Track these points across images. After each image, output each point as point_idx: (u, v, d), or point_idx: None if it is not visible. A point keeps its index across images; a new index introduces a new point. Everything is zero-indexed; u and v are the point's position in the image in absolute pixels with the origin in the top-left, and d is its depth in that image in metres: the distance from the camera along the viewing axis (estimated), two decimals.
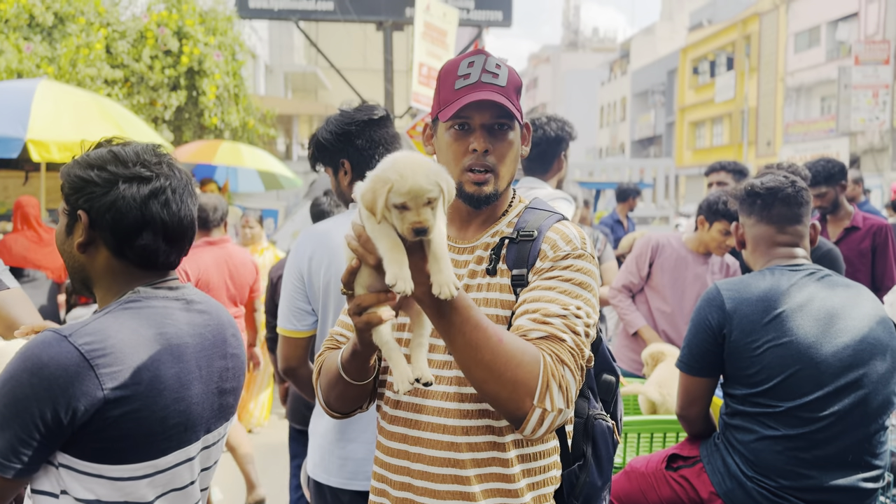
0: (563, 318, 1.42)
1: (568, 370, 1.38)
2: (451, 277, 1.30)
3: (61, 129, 5.15)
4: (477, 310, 1.36)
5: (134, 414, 1.35)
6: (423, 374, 1.38)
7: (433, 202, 1.28)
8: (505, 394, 1.35)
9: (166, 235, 1.47)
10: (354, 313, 1.34)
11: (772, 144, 29.73)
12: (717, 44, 34.54)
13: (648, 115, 44.14)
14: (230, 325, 1.62)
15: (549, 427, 1.37)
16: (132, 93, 9.83)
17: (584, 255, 1.51)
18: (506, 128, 1.55)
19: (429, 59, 9.28)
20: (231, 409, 1.62)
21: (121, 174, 1.44)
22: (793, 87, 28.56)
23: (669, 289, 3.82)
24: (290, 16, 11.08)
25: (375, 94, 15.18)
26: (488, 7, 11.23)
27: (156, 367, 1.39)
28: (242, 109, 10.95)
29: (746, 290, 2.27)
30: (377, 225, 1.29)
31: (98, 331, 1.35)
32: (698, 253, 3.82)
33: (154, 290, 1.48)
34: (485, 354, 1.33)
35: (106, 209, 1.42)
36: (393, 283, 1.25)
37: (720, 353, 2.28)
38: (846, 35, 25.48)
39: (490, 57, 1.57)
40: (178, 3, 10.18)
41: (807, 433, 2.16)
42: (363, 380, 1.52)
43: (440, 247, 1.31)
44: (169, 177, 1.48)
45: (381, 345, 1.38)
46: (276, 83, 22.29)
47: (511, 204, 1.65)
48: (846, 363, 2.17)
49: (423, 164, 1.29)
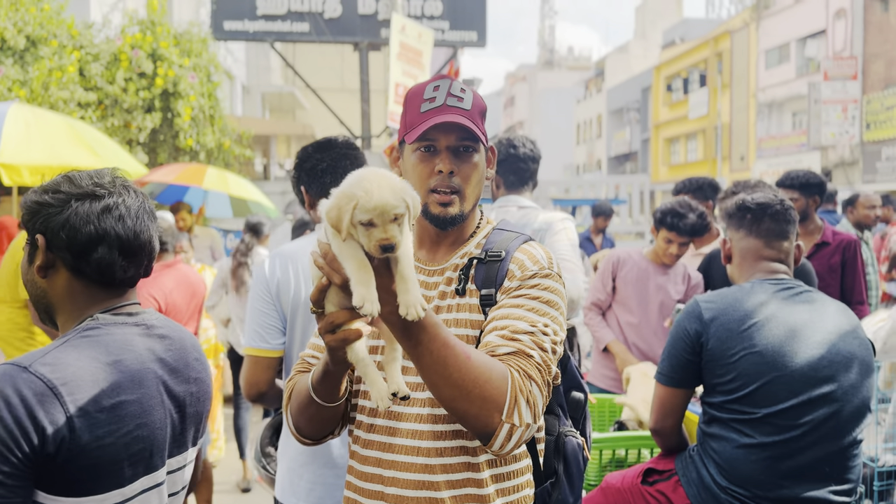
0: (530, 334, 1.44)
1: (535, 385, 1.40)
2: (419, 298, 1.30)
3: (33, 153, 5.10)
4: (444, 328, 1.37)
5: (98, 442, 1.33)
6: (399, 388, 1.38)
7: (399, 218, 1.27)
8: (474, 410, 1.35)
9: (122, 249, 1.47)
10: (327, 331, 1.34)
11: (745, 159, 30.15)
12: (690, 61, 35.08)
13: (624, 132, 44.63)
14: (193, 348, 1.61)
15: (517, 442, 1.38)
16: (106, 115, 9.76)
17: (552, 275, 1.54)
18: (471, 150, 1.57)
19: (405, 79, 9.34)
20: (197, 433, 1.61)
21: (73, 193, 1.46)
22: (764, 103, 29.04)
23: (634, 301, 3.89)
24: (266, 37, 11.10)
25: (352, 114, 15.23)
26: (463, 28, 11.33)
27: (116, 394, 1.38)
28: (218, 130, 10.92)
29: (724, 301, 2.34)
30: (343, 243, 1.28)
31: (57, 360, 1.34)
32: (658, 264, 3.91)
33: (113, 317, 1.48)
34: (453, 372, 1.34)
35: (60, 227, 1.43)
36: (360, 305, 1.24)
37: (698, 362, 2.33)
38: (815, 51, 26.00)
39: (455, 81, 1.60)
40: (153, 25, 10.16)
41: (782, 441, 2.20)
42: (335, 401, 1.51)
43: (407, 266, 1.31)
44: (123, 194, 1.50)
45: (357, 362, 1.37)
46: (253, 103, 22.26)
47: (479, 225, 1.67)
48: (820, 374, 2.22)
49: (388, 180, 1.29)
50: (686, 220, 3.74)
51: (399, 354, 1.44)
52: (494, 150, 1.70)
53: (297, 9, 10.90)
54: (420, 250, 1.65)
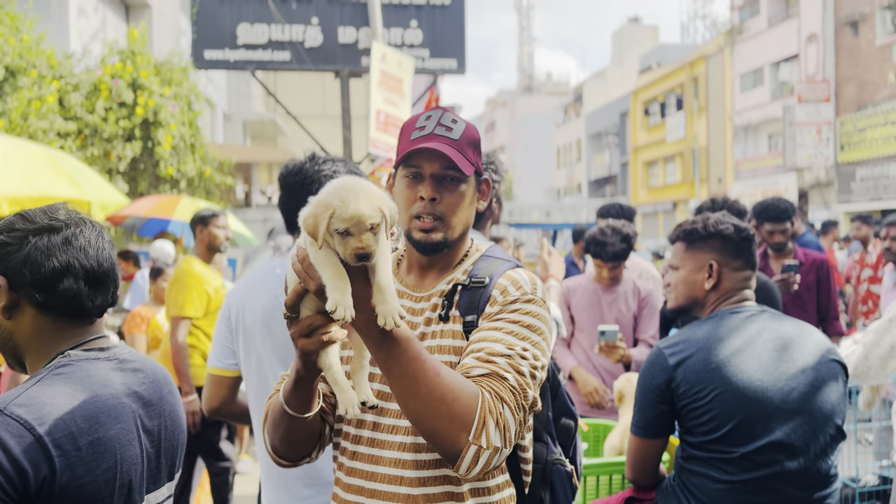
0: (507, 357, 1.42)
1: (507, 408, 1.37)
2: (397, 307, 1.30)
3: (11, 184, 5.06)
4: (416, 342, 1.36)
5: (78, 480, 1.32)
6: (368, 397, 1.38)
7: (376, 228, 1.27)
8: (440, 428, 1.33)
9: (87, 279, 1.47)
10: (303, 335, 1.33)
11: (723, 181, 30.54)
12: (667, 86, 35.60)
13: (603, 156, 45.07)
14: (166, 382, 1.60)
15: (484, 465, 1.35)
16: (86, 145, 9.72)
17: (535, 301, 1.53)
18: (455, 179, 1.57)
19: (386, 106, 9.39)
20: (173, 467, 1.60)
21: (30, 229, 1.45)
22: (741, 126, 29.50)
23: (591, 324, 3.96)
24: (247, 66, 11.13)
25: (334, 141, 15.26)
26: (443, 55, 11.44)
27: (94, 431, 1.36)
28: (199, 159, 10.90)
29: (687, 343, 2.27)
30: (320, 251, 1.27)
31: (32, 399, 1.33)
32: (604, 284, 4.02)
33: (84, 353, 1.47)
34: (421, 387, 1.33)
35: (21, 264, 1.42)
36: (333, 310, 1.24)
37: (671, 411, 2.27)
38: (788, 75, 26.51)
39: (448, 112, 1.61)
40: (133, 55, 10.16)
41: (762, 477, 2.16)
42: (306, 412, 1.49)
43: (384, 276, 1.30)
44: (80, 225, 1.50)
45: (327, 368, 1.37)
46: (234, 131, 22.26)
47: (468, 253, 1.67)
48: (793, 406, 2.18)
49: (365, 190, 1.29)
50: (607, 247, 3.87)
51: (367, 363, 1.44)
52: (489, 182, 1.70)
53: (278, 38, 10.97)
54: (408, 276, 1.66)
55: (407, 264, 1.67)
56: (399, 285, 1.64)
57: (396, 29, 11.28)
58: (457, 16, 11.46)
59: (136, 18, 14.35)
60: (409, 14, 11.37)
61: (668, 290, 2.56)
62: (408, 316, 1.58)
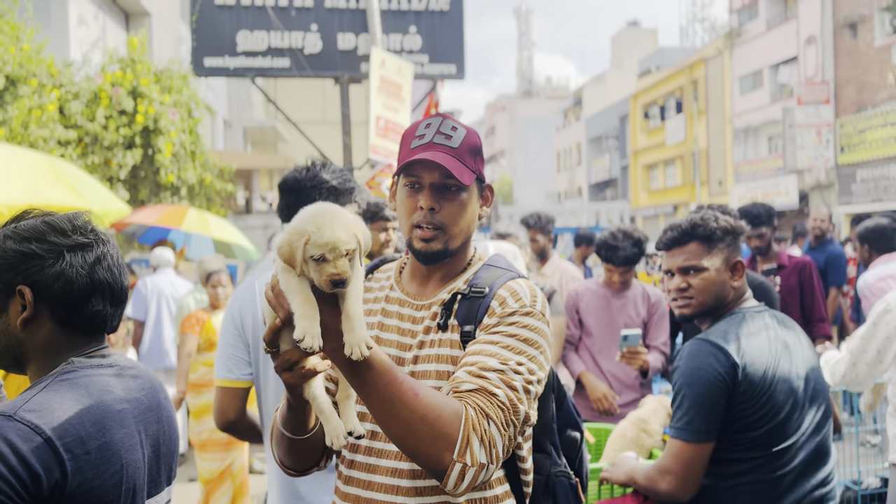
0: (499, 372, 1.41)
1: (494, 425, 1.36)
2: (364, 337, 1.29)
3: (13, 192, 5.07)
4: (392, 365, 1.35)
5: (88, 483, 1.33)
6: (354, 427, 1.38)
7: (351, 254, 1.28)
8: (424, 448, 1.32)
9: (112, 299, 1.49)
10: (284, 370, 1.33)
11: (723, 184, 30.53)
12: (666, 89, 35.62)
13: (603, 160, 45.07)
14: (161, 388, 1.62)
15: (470, 482, 1.34)
16: (86, 153, 9.74)
17: (533, 313, 1.51)
18: (455, 188, 1.56)
19: (385, 111, 9.41)
20: (171, 472, 1.61)
21: (64, 244, 1.44)
22: (740, 128, 29.50)
23: (600, 329, 3.97)
24: (247, 73, 11.15)
25: (334, 147, 15.28)
26: (442, 61, 11.46)
27: (102, 435, 1.38)
28: (199, 166, 10.92)
29: (739, 339, 2.22)
30: (292, 278, 1.28)
31: (41, 405, 1.34)
32: (614, 288, 3.98)
33: (88, 360, 1.48)
34: (400, 410, 1.32)
35: (54, 280, 1.42)
36: (301, 339, 1.24)
37: (727, 407, 2.18)
38: (787, 77, 26.51)
39: (447, 119, 1.60)
40: (133, 63, 10.19)
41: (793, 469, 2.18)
42: (303, 434, 1.50)
43: (354, 304, 1.30)
44: (105, 243, 1.51)
45: (312, 399, 1.37)
46: (234, 137, 22.29)
47: (470, 262, 1.67)
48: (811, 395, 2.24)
49: (340, 216, 1.30)
50: (618, 251, 3.85)
51: (353, 392, 1.44)
52: (492, 188, 1.69)
53: (278, 45, 10.99)
54: (410, 284, 1.65)
55: (409, 272, 1.67)
56: (400, 293, 1.64)
57: (395, 35, 11.30)
58: (455, 21, 11.47)
59: (136, 26, 14.38)
60: (408, 20, 11.39)
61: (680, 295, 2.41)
62: (413, 327, 1.57)
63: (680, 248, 2.41)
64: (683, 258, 2.39)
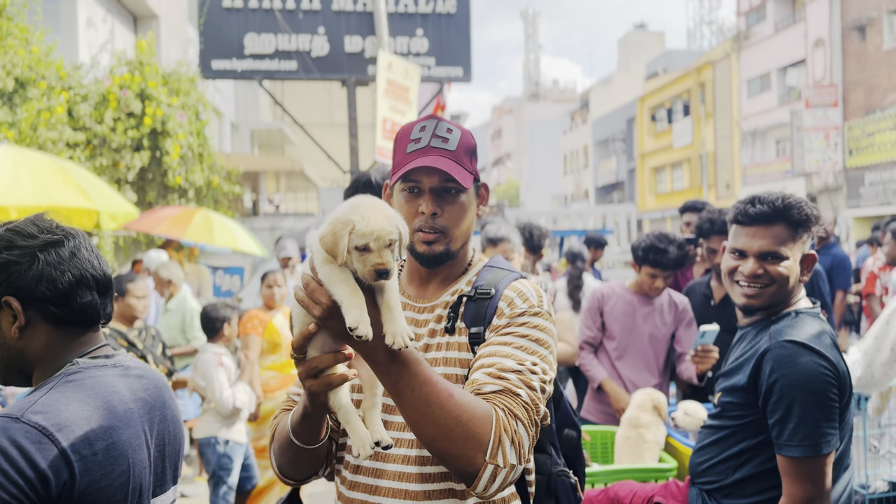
0: (518, 373, 1.41)
1: (521, 425, 1.36)
2: (405, 327, 1.28)
3: (22, 194, 5.10)
4: (426, 364, 1.35)
5: (95, 484, 1.34)
6: (381, 436, 1.36)
7: (393, 244, 1.28)
8: (456, 450, 1.31)
9: (98, 288, 1.50)
10: (309, 376, 1.32)
11: (731, 187, 30.45)
12: (673, 92, 35.56)
13: (610, 162, 45.01)
14: (166, 387, 1.63)
15: (502, 484, 1.34)
16: (94, 155, 9.80)
17: (541, 313, 1.52)
18: (454, 191, 1.57)
19: (392, 114, 9.43)
20: (177, 471, 1.61)
21: (34, 245, 1.44)
22: (748, 131, 29.42)
23: (623, 334, 3.89)
24: (254, 76, 11.19)
25: (341, 149, 15.32)
26: (449, 63, 11.48)
27: (108, 435, 1.38)
28: (207, 168, 10.96)
29: (826, 339, 2.07)
30: (335, 269, 1.26)
31: (47, 406, 1.34)
32: (642, 295, 3.92)
33: (91, 360, 1.48)
34: (434, 410, 1.30)
35: (36, 282, 1.42)
36: (355, 326, 1.22)
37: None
38: (795, 80, 26.43)
39: (441, 121, 1.60)
40: (141, 65, 10.24)
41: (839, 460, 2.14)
42: (314, 443, 1.49)
43: (393, 296, 1.30)
44: (74, 236, 1.51)
45: (338, 409, 1.35)
46: (242, 140, 22.36)
47: (471, 263, 1.67)
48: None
49: (382, 207, 1.31)
50: (668, 255, 3.77)
51: (379, 401, 1.42)
52: (487, 186, 1.70)
53: (285, 47, 11.02)
54: (410, 287, 1.65)
55: (407, 275, 1.67)
56: (401, 297, 1.63)
57: (402, 38, 11.33)
58: (462, 24, 11.49)
59: (144, 29, 14.45)
60: (415, 23, 11.42)
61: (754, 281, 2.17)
62: (417, 330, 1.56)
63: (765, 228, 2.18)
64: (767, 241, 2.16)
